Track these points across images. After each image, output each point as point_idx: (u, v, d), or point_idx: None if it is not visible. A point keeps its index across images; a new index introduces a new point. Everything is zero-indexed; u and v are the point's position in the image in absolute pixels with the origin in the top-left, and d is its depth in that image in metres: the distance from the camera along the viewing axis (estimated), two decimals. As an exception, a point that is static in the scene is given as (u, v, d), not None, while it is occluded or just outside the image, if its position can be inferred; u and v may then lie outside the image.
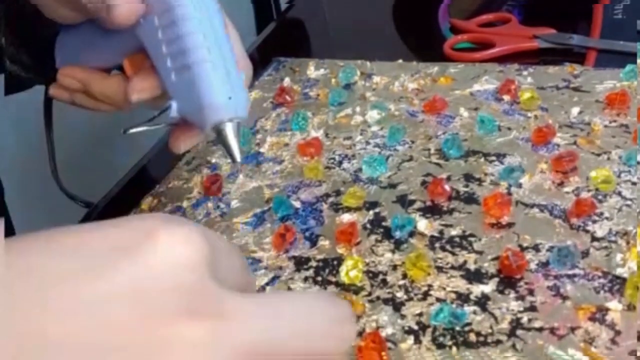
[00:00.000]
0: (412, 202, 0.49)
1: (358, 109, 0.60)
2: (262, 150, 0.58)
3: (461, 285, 0.42)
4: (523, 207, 0.46)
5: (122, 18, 0.38)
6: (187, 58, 0.38)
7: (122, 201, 0.57)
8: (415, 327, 0.40)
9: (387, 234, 0.46)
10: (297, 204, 0.51)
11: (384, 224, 0.47)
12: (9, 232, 0.75)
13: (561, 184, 0.48)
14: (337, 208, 0.50)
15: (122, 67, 0.43)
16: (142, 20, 0.39)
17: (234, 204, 0.53)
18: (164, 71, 0.39)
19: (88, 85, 0.44)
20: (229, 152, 0.40)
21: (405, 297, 0.42)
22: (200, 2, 0.38)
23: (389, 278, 0.43)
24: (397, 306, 0.41)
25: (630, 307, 0.38)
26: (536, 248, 0.43)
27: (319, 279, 0.44)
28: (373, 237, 0.47)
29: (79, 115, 0.66)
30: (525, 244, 0.43)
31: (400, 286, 0.42)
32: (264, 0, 0.94)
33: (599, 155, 0.50)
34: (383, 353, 0.38)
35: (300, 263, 0.46)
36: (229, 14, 0.45)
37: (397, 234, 0.46)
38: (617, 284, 0.40)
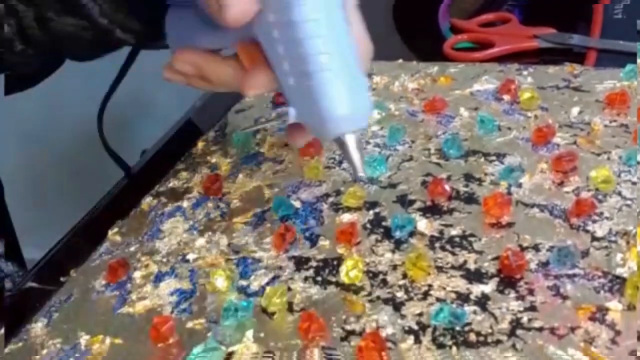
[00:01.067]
0: (412, 202, 0.49)
1: (358, 108, 0.60)
2: (262, 150, 0.58)
3: (461, 285, 0.42)
4: (523, 207, 0.46)
5: (233, 20, 0.36)
6: (306, 65, 0.35)
7: (122, 201, 0.57)
8: (415, 327, 0.40)
9: (387, 234, 0.46)
10: (297, 204, 0.51)
11: (384, 223, 0.47)
12: (9, 231, 0.75)
13: (561, 184, 0.48)
14: (337, 208, 0.50)
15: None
16: (256, 16, 0.36)
17: (234, 203, 0.53)
18: (280, 73, 0.37)
19: (203, 71, 0.43)
20: (351, 165, 0.38)
21: (405, 297, 0.42)
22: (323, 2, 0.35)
23: (389, 278, 0.43)
24: (397, 306, 0.41)
25: (630, 307, 0.38)
26: (536, 248, 0.43)
27: (319, 279, 0.44)
28: (373, 237, 0.47)
29: (78, 115, 0.66)
30: (525, 244, 0.43)
31: (400, 286, 0.42)
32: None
33: (599, 155, 0.50)
34: (383, 353, 0.38)
35: (300, 263, 0.46)
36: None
37: (397, 234, 0.46)
38: (617, 284, 0.40)
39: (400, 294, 0.42)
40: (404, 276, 0.43)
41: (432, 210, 0.48)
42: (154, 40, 0.48)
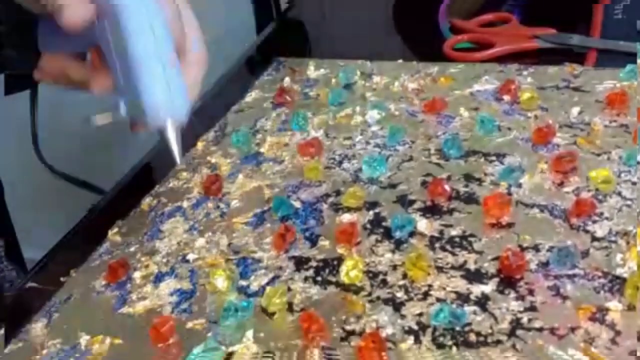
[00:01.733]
0: (412, 202, 0.49)
1: (358, 109, 0.60)
2: (262, 150, 0.58)
3: (461, 285, 0.42)
4: (523, 207, 0.46)
5: (71, 22, 0.40)
6: (133, 66, 0.40)
7: (122, 201, 0.57)
8: (415, 327, 0.40)
9: (387, 234, 0.46)
10: (297, 204, 0.51)
11: (384, 224, 0.47)
12: (9, 231, 0.75)
13: (561, 184, 0.48)
14: (337, 208, 0.50)
15: None
16: (97, 23, 0.41)
17: (234, 204, 0.53)
18: (114, 73, 0.42)
19: (66, 71, 0.47)
20: (171, 152, 0.43)
21: (405, 297, 0.42)
22: (143, 6, 0.40)
23: (389, 278, 0.43)
24: (397, 306, 0.41)
25: (630, 307, 0.38)
26: (536, 248, 0.43)
27: (319, 279, 0.44)
28: (373, 237, 0.47)
29: (78, 115, 0.66)
30: (525, 244, 0.43)
31: (400, 286, 0.42)
32: (264, 0, 0.94)
33: (599, 155, 0.50)
34: (383, 353, 0.38)
35: (300, 263, 0.46)
36: (229, 14, 0.45)
37: (397, 234, 0.46)
38: (617, 284, 0.40)
39: (400, 294, 0.42)
40: (404, 276, 0.43)
41: (432, 211, 0.48)
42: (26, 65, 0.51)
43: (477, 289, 0.41)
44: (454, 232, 0.46)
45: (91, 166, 0.73)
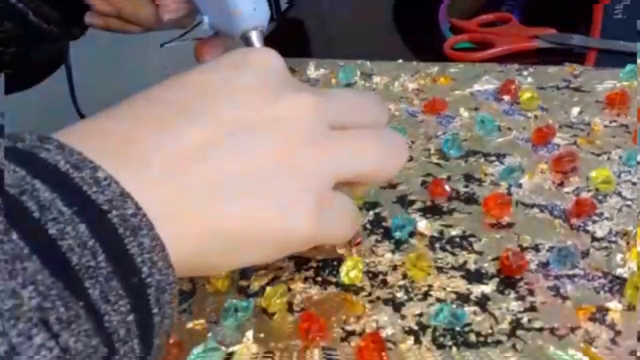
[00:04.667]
0: (412, 202, 0.49)
1: (358, 109, 0.60)
2: (262, 150, 0.58)
3: (461, 285, 0.42)
4: (523, 208, 0.46)
5: None
6: None
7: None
8: (415, 328, 0.40)
9: (387, 234, 0.46)
10: (297, 204, 0.51)
11: (384, 224, 0.47)
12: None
13: (561, 184, 0.48)
14: (337, 208, 0.50)
15: None
16: None
17: (234, 204, 0.53)
18: None
19: (121, 10, 0.49)
20: None
21: (405, 297, 0.42)
22: None
23: (389, 278, 0.43)
24: (397, 306, 0.41)
25: (630, 307, 0.38)
26: (536, 248, 0.43)
27: (319, 279, 0.44)
28: (373, 237, 0.47)
29: (77, 115, 0.66)
30: (525, 244, 0.43)
31: (400, 286, 0.42)
32: (264, 0, 0.94)
33: (599, 155, 0.50)
34: (383, 353, 0.38)
35: (300, 263, 0.46)
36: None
37: (397, 234, 0.46)
38: (617, 284, 0.40)
39: (400, 295, 0.42)
40: (404, 276, 0.43)
41: (432, 211, 0.48)
42: (71, 26, 0.54)
43: (477, 289, 0.41)
44: (454, 232, 0.46)
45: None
